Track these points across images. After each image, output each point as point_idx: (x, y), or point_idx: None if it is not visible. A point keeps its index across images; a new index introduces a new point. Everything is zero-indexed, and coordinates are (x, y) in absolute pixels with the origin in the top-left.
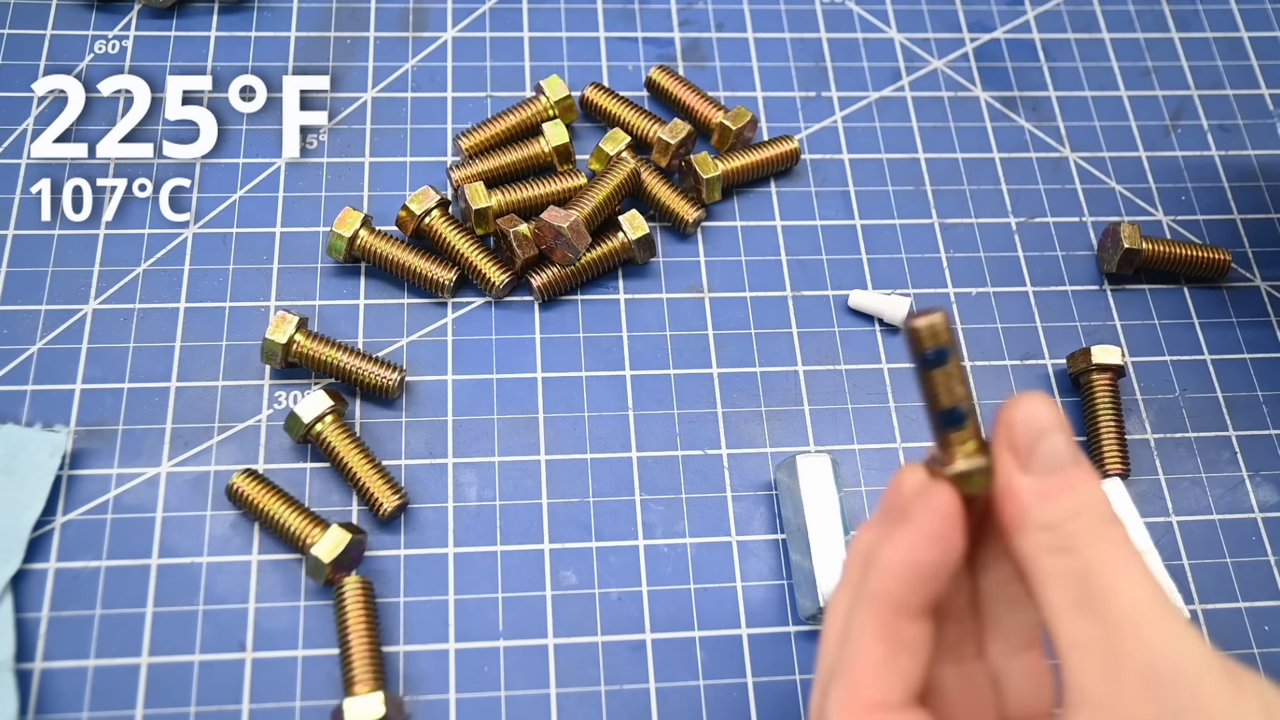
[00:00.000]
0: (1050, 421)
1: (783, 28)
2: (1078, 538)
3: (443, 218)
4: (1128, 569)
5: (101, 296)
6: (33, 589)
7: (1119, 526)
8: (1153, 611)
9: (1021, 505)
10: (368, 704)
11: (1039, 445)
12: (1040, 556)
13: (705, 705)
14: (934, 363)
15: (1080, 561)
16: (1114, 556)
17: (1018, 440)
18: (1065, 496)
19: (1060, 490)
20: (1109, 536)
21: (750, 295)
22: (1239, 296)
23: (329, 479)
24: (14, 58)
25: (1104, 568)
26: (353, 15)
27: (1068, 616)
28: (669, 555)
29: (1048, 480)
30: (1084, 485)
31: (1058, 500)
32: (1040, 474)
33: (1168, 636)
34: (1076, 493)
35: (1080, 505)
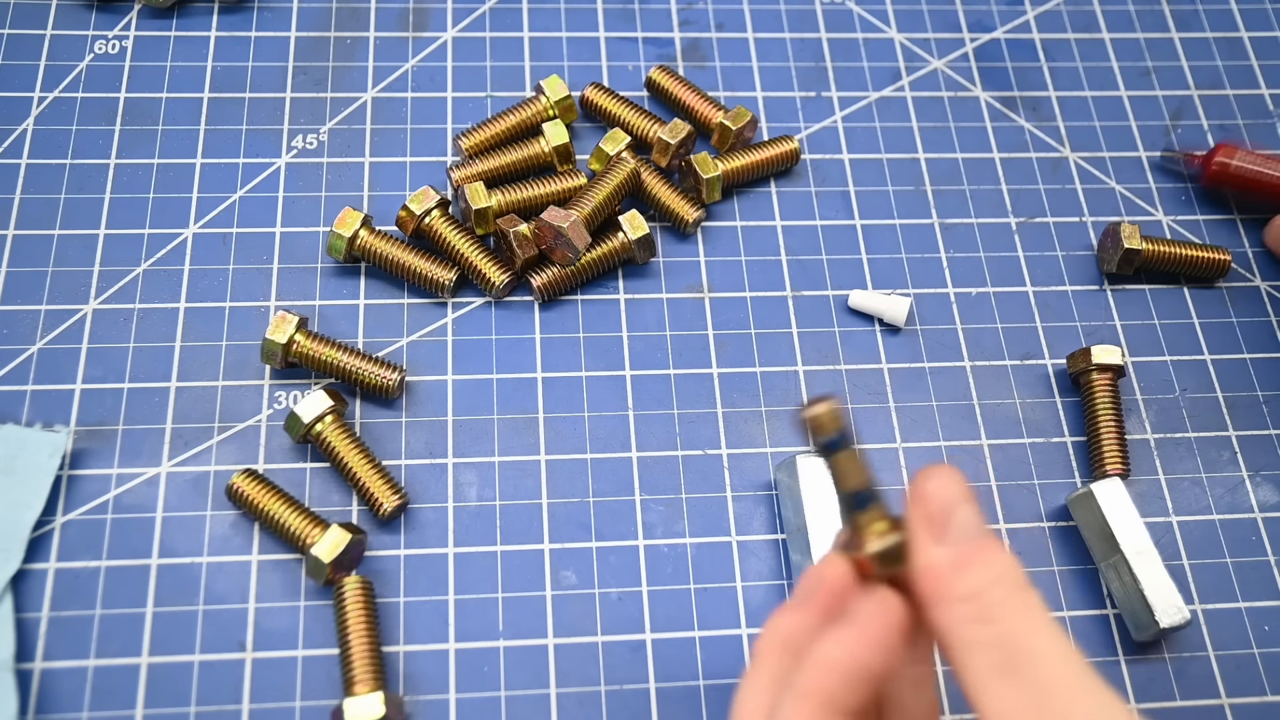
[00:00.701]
0: (960, 494)
1: (783, 28)
2: (996, 606)
3: (443, 218)
4: (1048, 634)
5: (101, 296)
6: (33, 589)
7: (1034, 592)
8: (1076, 676)
9: (939, 577)
10: (368, 704)
11: (952, 517)
12: (961, 627)
13: (705, 705)
14: (831, 449)
15: (1001, 629)
16: (1034, 623)
17: (933, 513)
18: (981, 566)
19: (976, 560)
20: (1026, 603)
21: (750, 295)
22: (1239, 296)
23: (329, 479)
24: (14, 58)
25: (1025, 634)
26: (353, 15)
27: (993, 685)
28: (669, 555)
29: (963, 551)
30: (997, 554)
31: (974, 570)
32: (955, 545)
33: (1092, 701)
34: (992, 562)
35: (996, 574)
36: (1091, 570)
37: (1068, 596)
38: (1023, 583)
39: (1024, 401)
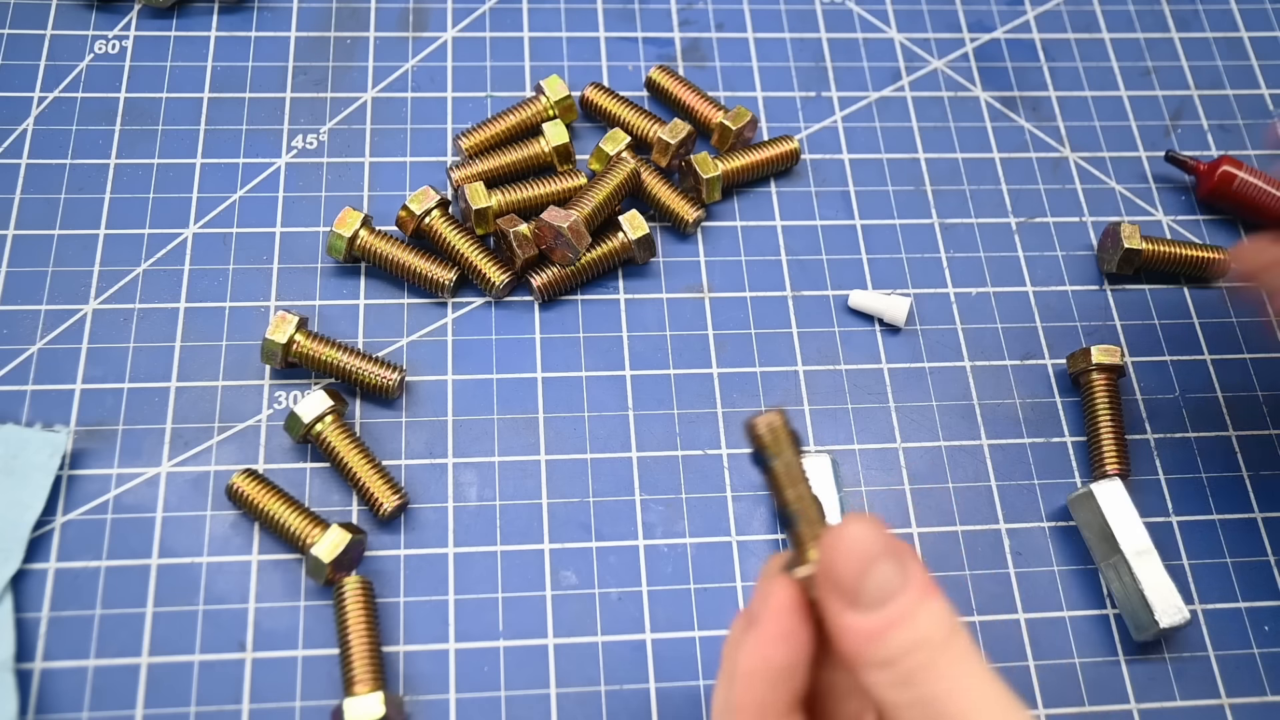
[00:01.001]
0: (873, 548)
1: (783, 28)
2: (916, 672)
3: (443, 218)
4: (970, 692)
5: (101, 296)
6: (33, 589)
7: (958, 647)
8: None
9: (855, 644)
10: (368, 704)
11: (865, 580)
12: (883, 692)
13: (705, 705)
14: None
15: (923, 692)
16: (955, 683)
17: (841, 578)
18: (895, 633)
19: (891, 627)
20: (948, 661)
21: (750, 295)
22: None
23: (329, 479)
24: (14, 58)
25: (948, 696)
26: (353, 15)
27: None
28: (669, 555)
29: (877, 617)
30: (915, 615)
31: (890, 637)
32: (869, 610)
33: None
34: (909, 626)
35: (915, 638)
36: (1091, 570)
37: (1068, 596)
38: (945, 641)
39: (1024, 401)
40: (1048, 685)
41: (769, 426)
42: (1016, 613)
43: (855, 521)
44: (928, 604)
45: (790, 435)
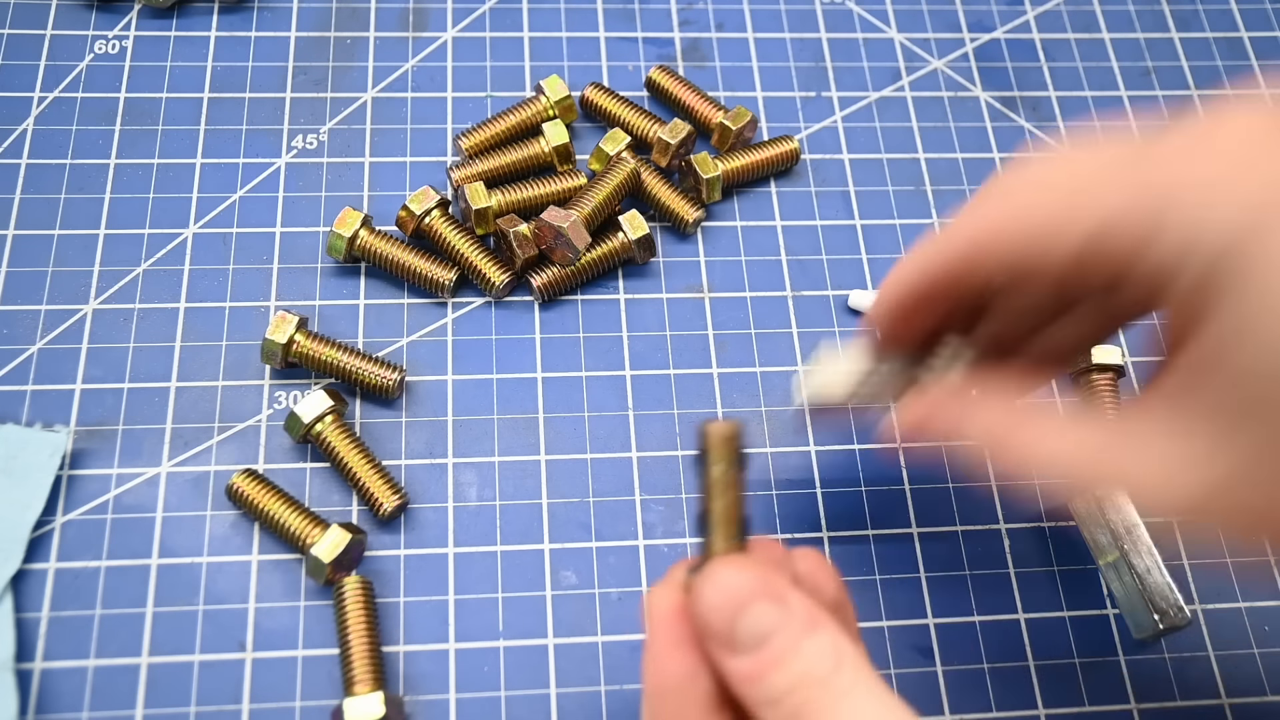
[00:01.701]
0: (743, 592)
1: (783, 28)
2: (801, 709)
3: (443, 218)
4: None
5: (101, 296)
6: (33, 589)
7: (843, 675)
8: None
9: (739, 686)
10: (368, 704)
11: (737, 624)
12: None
13: None
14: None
15: None
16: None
17: (714, 628)
18: (775, 674)
19: (769, 668)
20: (834, 696)
21: (750, 295)
22: None
23: (329, 479)
24: (14, 58)
25: None
26: (353, 15)
27: None
28: (669, 555)
29: (755, 661)
30: (795, 653)
31: (769, 679)
32: (747, 653)
33: None
34: (788, 665)
35: (795, 677)
36: (1091, 570)
37: (1068, 596)
38: (828, 675)
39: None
40: (1048, 685)
41: (720, 435)
42: (1016, 613)
43: (724, 566)
44: (809, 640)
45: (737, 450)
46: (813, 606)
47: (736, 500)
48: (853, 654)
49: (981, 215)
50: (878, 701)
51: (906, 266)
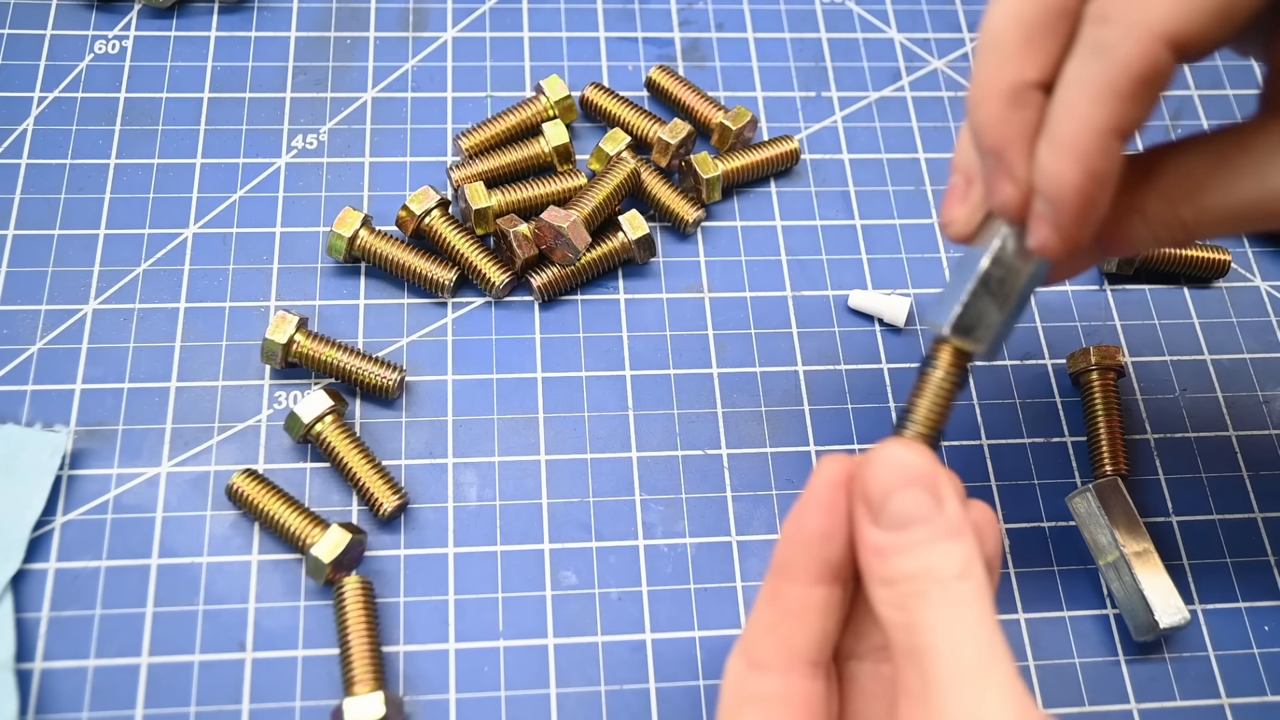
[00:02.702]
0: (908, 474)
1: (783, 28)
2: (910, 598)
3: (443, 218)
4: (953, 632)
5: (101, 296)
6: (33, 589)
7: (963, 586)
8: (967, 677)
9: (866, 557)
10: (368, 704)
11: (889, 501)
12: (880, 607)
13: (705, 705)
14: (927, 363)
15: (910, 618)
16: (941, 619)
17: (869, 494)
18: (903, 557)
19: (899, 551)
20: (944, 599)
21: (750, 295)
22: (1239, 296)
23: (329, 479)
24: (14, 58)
25: (929, 628)
26: (353, 15)
27: (900, 664)
28: (669, 555)
29: (891, 539)
30: (927, 547)
31: (895, 560)
32: (887, 530)
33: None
34: (916, 555)
35: (917, 568)
36: (1091, 570)
37: (1068, 596)
38: (948, 580)
39: (1024, 401)
40: (1048, 685)
41: (951, 348)
42: (1016, 613)
43: (900, 445)
44: (946, 543)
45: (964, 367)
46: (965, 520)
47: (942, 406)
48: (981, 579)
49: None
50: (978, 624)
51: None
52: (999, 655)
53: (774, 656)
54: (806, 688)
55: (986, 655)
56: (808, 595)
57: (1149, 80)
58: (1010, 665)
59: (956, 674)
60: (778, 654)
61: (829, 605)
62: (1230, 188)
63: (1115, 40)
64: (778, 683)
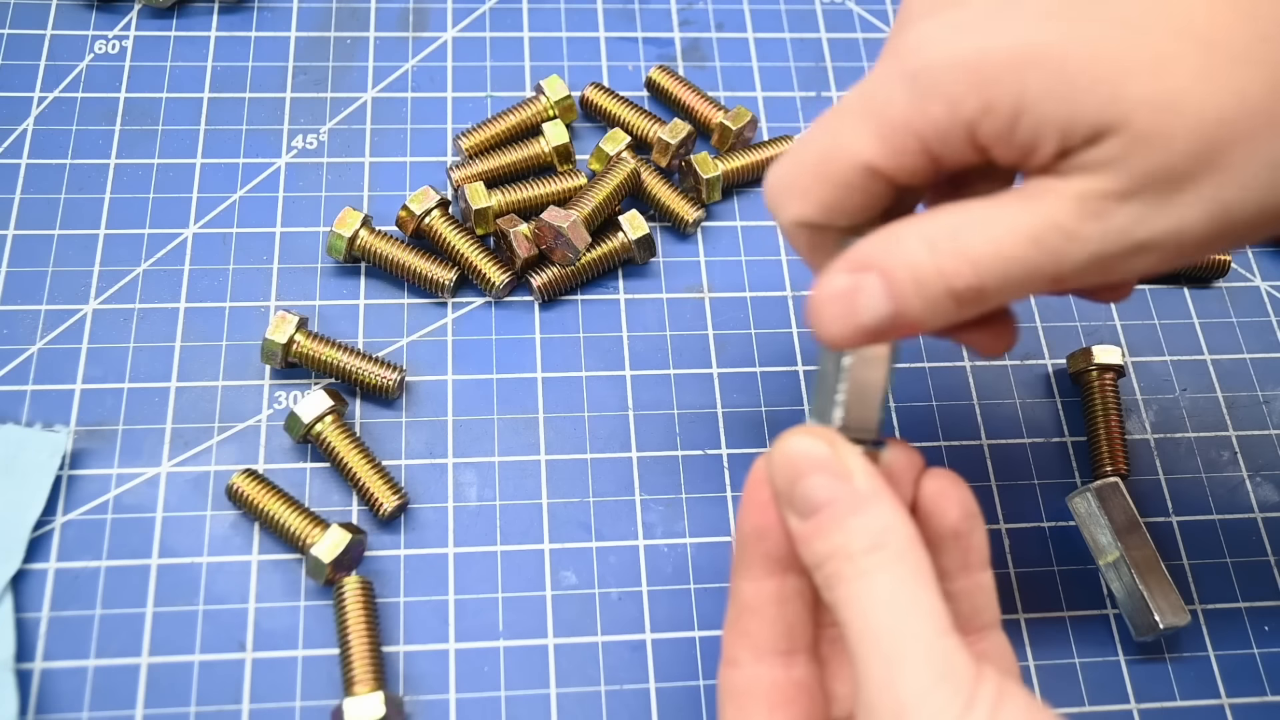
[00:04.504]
0: (807, 462)
1: (783, 28)
2: (831, 579)
3: (443, 218)
4: (862, 604)
5: (101, 296)
6: (33, 589)
7: (869, 558)
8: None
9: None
10: (368, 704)
11: (795, 489)
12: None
13: (705, 705)
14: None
15: (833, 597)
16: (852, 593)
17: (777, 488)
18: (817, 541)
19: (813, 535)
20: (853, 573)
21: (750, 295)
22: (1239, 296)
23: (329, 479)
24: (14, 58)
25: (844, 604)
26: (353, 15)
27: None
28: (669, 555)
29: (805, 525)
30: (838, 526)
31: (813, 545)
32: (801, 517)
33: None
34: (826, 536)
35: (829, 548)
36: (1092, 570)
37: (1068, 596)
38: (856, 553)
39: (1024, 401)
40: (1048, 685)
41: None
42: (1017, 613)
43: (797, 433)
44: (852, 519)
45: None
46: (878, 491)
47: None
48: (899, 545)
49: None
50: (895, 591)
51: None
52: (917, 618)
53: (741, 651)
54: (777, 677)
55: (900, 621)
56: (759, 589)
57: (848, 186)
58: (934, 625)
59: (870, 645)
60: (743, 649)
61: (783, 596)
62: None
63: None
64: (748, 676)
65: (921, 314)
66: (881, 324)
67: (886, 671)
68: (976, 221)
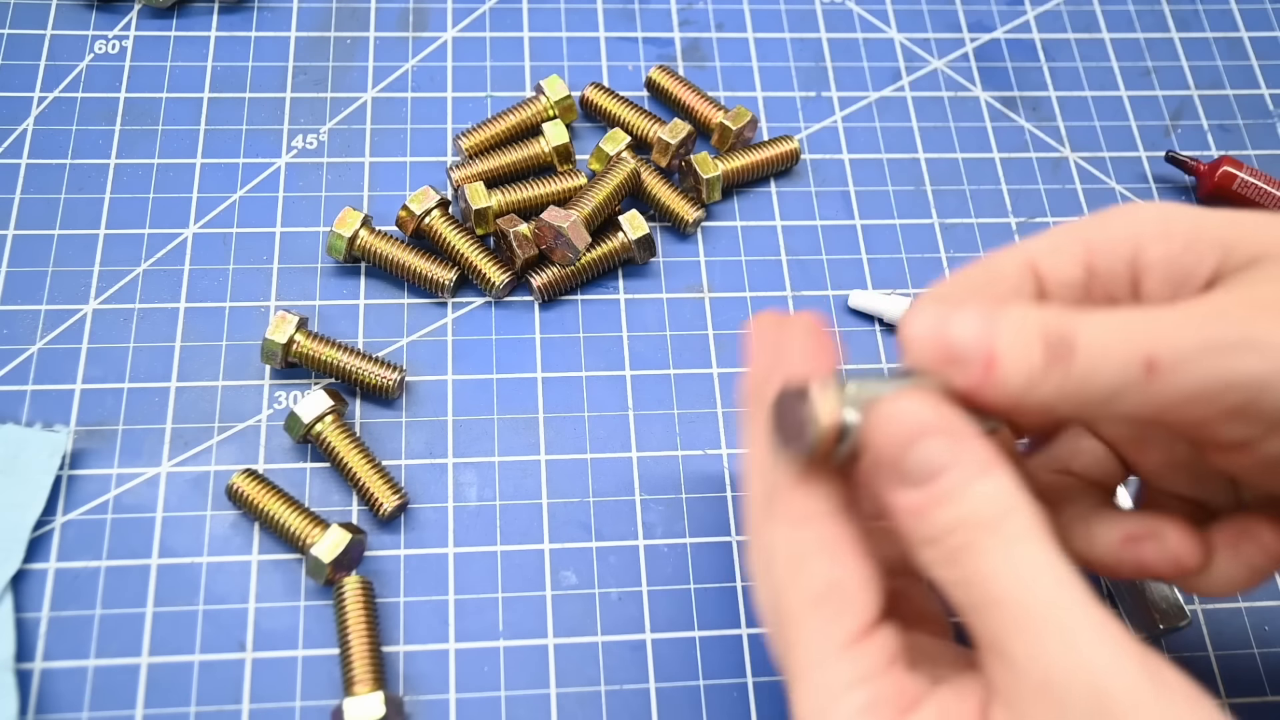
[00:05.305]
0: (919, 425)
1: (783, 28)
2: (959, 553)
3: (443, 218)
4: (1016, 576)
5: (101, 296)
6: (33, 589)
7: (1012, 522)
8: (1046, 620)
9: (900, 521)
10: (368, 704)
11: (906, 457)
12: (932, 569)
13: (705, 705)
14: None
15: (965, 573)
16: (998, 565)
17: (883, 455)
18: (939, 510)
19: (934, 505)
20: (996, 542)
21: (750, 295)
22: None
23: (329, 479)
24: (14, 58)
25: (989, 578)
26: (353, 15)
27: (971, 624)
28: (669, 555)
29: (921, 495)
30: (962, 493)
31: (933, 516)
32: (914, 487)
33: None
34: (953, 504)
35: (958, 517)
36: None
37: None
38: (994, 521)
39: None
40: None
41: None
42: None
43: (904, 397)
44: (980, 482)
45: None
46: (994, 452)
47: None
48: (1027, 507)
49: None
50: (1038, 558)
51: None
52: (1077, 590)
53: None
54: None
55: (1063, 592)
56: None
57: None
58: (1093, 599)
59: (1034, 620)
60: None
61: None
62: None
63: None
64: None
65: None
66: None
67: (1063, 650)
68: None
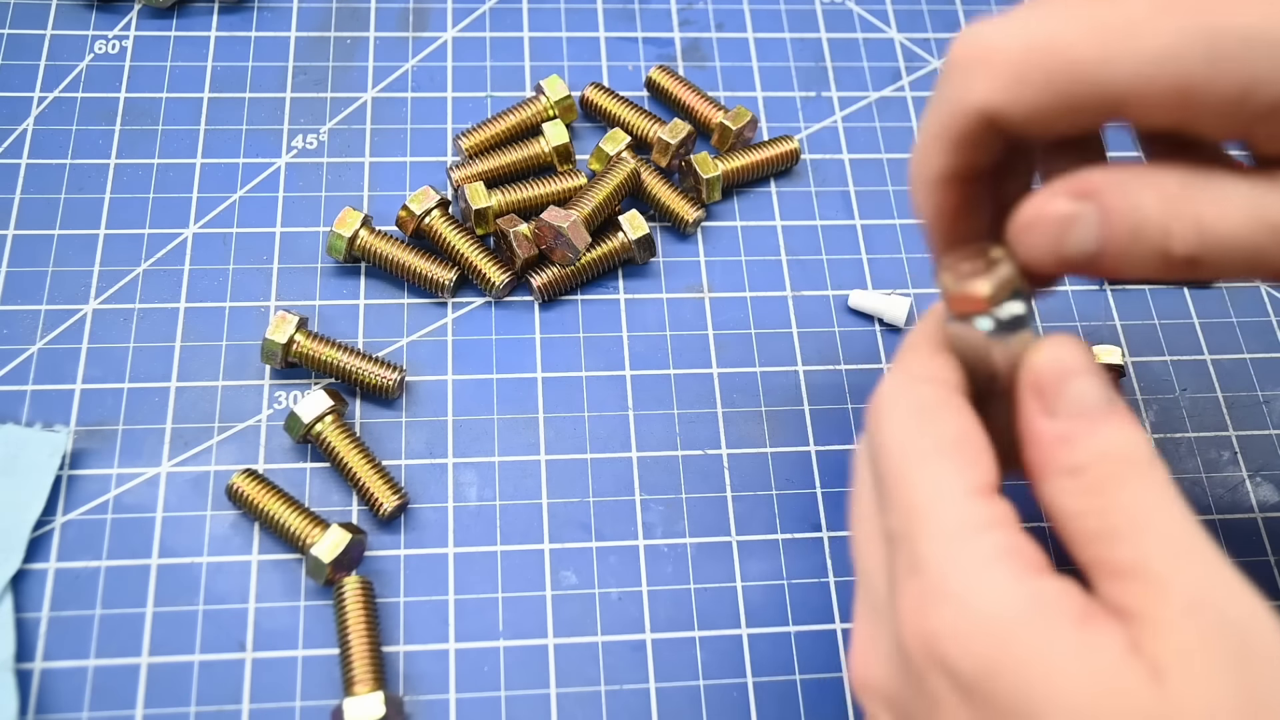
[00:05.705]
0: (1078, 364)
1: (783, 28)
2: (1105, 481)
3: (443, 218)
4: (1163, 509)
5: (101, 296)
6: (33, 589)
7: (1156, 470)
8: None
9: (1045, 450)
10: (368, 704)
11: (1065, 388)
12: (1064, 500)
13: (705, 705)
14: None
15: (1108, 501)
16: (1146, 498)
17: (1042, 383)
18: (1090, 440)
19: (1085, 434)
20: (1142, 480)
21: (750, 295)
22: (1239, 296)
23: (329, 479)
24: (14, 58)
25: (1134, 507)
26: (353, 15)
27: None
28: (669, 555)
29: (1072, 424)
30: (1115, 429)
31: (1082, 444)
32: (1066, 418)
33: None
34: (1103, 435)
35: (1108, 448)
36: None
37: None
38: (1141, 463)
39: None
40: None
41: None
42: None
43: (1063, 340)
44: (1129, 428)
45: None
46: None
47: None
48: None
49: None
50: (1178, 496)
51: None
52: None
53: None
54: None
55: (1201, 537)
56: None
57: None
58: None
59: (1181, 546)
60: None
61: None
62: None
63: (941, 101)
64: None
65: (1123, 264)
66: (1081, 260)
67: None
68: (1215, 188)
